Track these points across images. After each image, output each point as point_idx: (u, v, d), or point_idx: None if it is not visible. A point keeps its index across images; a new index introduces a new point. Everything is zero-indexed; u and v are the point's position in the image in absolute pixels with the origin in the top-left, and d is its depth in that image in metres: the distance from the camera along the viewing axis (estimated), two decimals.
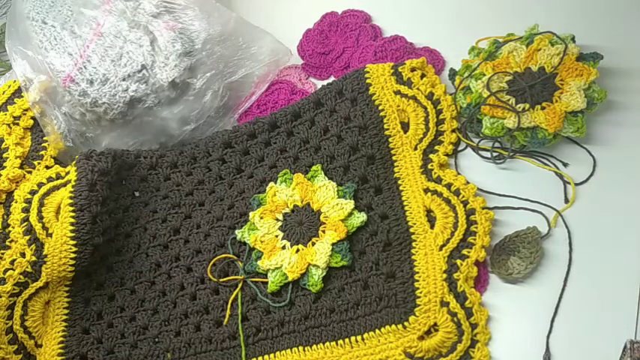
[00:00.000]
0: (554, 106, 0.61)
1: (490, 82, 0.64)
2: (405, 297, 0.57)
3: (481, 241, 0.57)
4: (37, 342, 0.66)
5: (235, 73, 0.74)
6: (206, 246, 0.66)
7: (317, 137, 0.67)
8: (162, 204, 0.70)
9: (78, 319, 0.66)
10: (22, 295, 0.65)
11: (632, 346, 0.50)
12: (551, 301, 0.55)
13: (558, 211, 0.59)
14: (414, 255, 0.58)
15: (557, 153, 0.62)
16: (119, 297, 0.67)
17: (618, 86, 0.63)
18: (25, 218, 0.67)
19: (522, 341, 0.55)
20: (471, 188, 0.60)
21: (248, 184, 0.68)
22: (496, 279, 0.58)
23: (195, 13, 0.72)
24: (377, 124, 0.65)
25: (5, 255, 0.67)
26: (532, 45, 0.64)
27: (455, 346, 0.54)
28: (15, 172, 0.71)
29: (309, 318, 0.59)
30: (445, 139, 0.64)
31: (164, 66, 0.70)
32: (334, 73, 0.76)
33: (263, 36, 0.75)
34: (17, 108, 0.76)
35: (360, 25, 0.77)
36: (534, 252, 0.56)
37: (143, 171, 0.71)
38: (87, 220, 0.65)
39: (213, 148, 0.71)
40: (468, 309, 0.55)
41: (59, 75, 0.69)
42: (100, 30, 0.71)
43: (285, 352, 0.59)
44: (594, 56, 0.62)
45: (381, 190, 0.63)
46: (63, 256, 0.64)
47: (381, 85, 0.66)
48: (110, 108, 0.69)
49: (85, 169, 0.66)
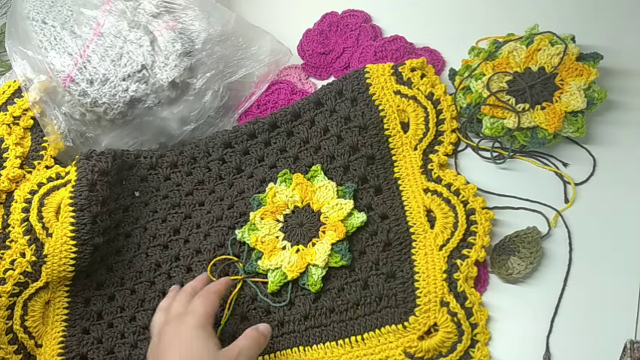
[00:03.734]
0: (554, 106, 0.61)
1: (490, 82, 0.64)
2: (405, 297, 0.57)
3: (481, 241, 0.57)
4: (37, 342, 0.66)
5: (235, 73, 0.74)
6: (206, 246, 0.66)
7: (317, 137, 0.67)
8: (162, 204, 0.70)
9: (78, 319, 0.66)
10: (22, 295, 0.65)
11: (632, 346, 0.51)
12: (551, 301, 0.55)
13: (558, 211, 0.59)
14: (414, 255, 0.58)
15: (557, 153, 0.62)
16: (119, 297, 0.67)
17: (618, 86, 0.63)
18: (25, 218, 0.67)
19: (522, 341, 0.55)
20: (471, 188, 0.60)
21: (248, 184, 0.68)
22: (496, 279, 0.58)
23: (195, 13, 0.72)
24: (377, 124, 0.65)
25: (5, 255, 0.67)
26: (532, 45, 0.64)
27: (455, 346, 0.54)
28: (15, 172, 0.71)
29: (309, 318, 0.59)
30: (445, 139, 0.64)
31: (164, 66, 0.70)
32: (334, 73, 0.76)
33: (263, 36, 0.75)
34: (17, 108, 0.76)
35: (360, 25, 0.77)
36: (534, 252, 0.56)
37: (143, 171, 0.71)
38: (87, 220, 0.65)
39: (213, 148, 0.71)
40: (468, 309, 0.55)
41: (59, 75, 0.69)
42: (100, 30, 0.71)
43: (285, 352, 0.59)
44: (594, 56, 0.62)
45: (381, 190, 0.63)
46: (63, 256, 0.64)
47: (381, 85, 0.66)
48: (110, 108, 0.69)
49: (85, 169, 0.66)
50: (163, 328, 0.55)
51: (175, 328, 0.54)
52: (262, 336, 0.56)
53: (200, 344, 0.52)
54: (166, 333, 0.54)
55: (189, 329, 0.53)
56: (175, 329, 0.54)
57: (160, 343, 0.54)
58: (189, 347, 0.52)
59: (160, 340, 0.54)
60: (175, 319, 0.55)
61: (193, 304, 0.56)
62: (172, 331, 0.54)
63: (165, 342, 0.53)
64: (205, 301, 0.56)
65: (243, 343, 0.54)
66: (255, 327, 0.56)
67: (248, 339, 0.55)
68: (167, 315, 0.57)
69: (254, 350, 0.54)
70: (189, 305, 0.56)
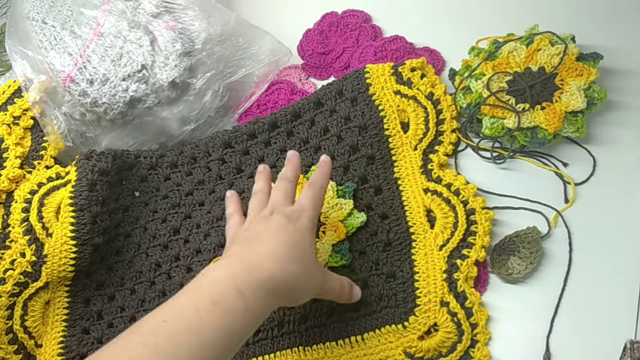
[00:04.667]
0: (554, 106, 0.61)
1: (490, 82, 0.64)
2: (405, 297, 0.57)
3: (481, 241, 0.57)
4: (37, 342, 0.66)
5: (235, 73, 0.74)
6: (206, 246, 0.66)
7: (317, 137, 0.67)
8: (162, 204, 0.70)
9: (78, 319, 0.66)
10: (22, 295, 0.65)
11: (632, 346, 0.50)
12: (551, 301, 0.55)
13: (558, 211, 0.59)
14: (414, 255, 0.58)
15: (557, 153, 0.62)
16: (119, 297, 0.67)
17: (618, 86, 0.63)
18: (25, 218, 0.67)
19: (522, 341, 0.55)
20: (471, 188, 0.60)
21: (248, 184, 0.68)
22: (496, 279, 0.58)
23: (195, 13, 0.72)
24: (377, 124, 0.65)
25: (5, 255, 0.67)
26: (532, 45, 0.64)
27: (455, 346, 0.54)
28: (15, 172, 0.71)
29: (308, 318, 0.59)
30: (445, 139, 0.64)
31: (164, 66, 0.70)
32: (334, 73, 0.76)
33: (263, 36, 0.75)
34: (17, 108, 0.76)
35: (360, 25, 0.77)
36: (534, 252, 0.56)
37: (143, 171, 0.71)
38: (87, 220, 0.65)
39: (213, 148, 0.71)
40: (468, 309, 0.55)
41: (59, 75, 0.69)
42: (100, 30, 0.71)
43: (285, 352, 0.59)
44: (594, 56, 0.62)
45: (381, 190, 0.63)
46: (63, 256, 0.64)
47: (381, 85, 0.66)
48: (110, 108, 0.69)
49: (85, 169, 0.66)
50: (271, 216, 0.52)
51: (286, 222, 0.51)
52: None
53: (312, 250, 0.51)
54: (277, 220, 0.51)
55: (302, 231, 0.51)
56: (286, 222, 0.51)
57: (267, 225, 0.51)
58: (301, 245, 0.50)
59: (267, 223, 0.51)
60: (284, 213, 0.52)
61: (302, 204, 0.53)
62: (282, 222, 0.51)
63: (275, 227, 0.50)
64: (314, 202, 0.53)
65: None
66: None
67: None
68: (268, 205, 0.54)
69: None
70: (299, 203, 0.53)
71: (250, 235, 0.52)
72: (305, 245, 0.51)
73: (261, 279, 0.47)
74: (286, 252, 0.49)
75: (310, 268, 0.51)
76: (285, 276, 0.48)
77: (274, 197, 0.55)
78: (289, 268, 0.48)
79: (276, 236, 0.50)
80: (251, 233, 0.52)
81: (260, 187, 0.59)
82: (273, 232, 0.50)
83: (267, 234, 0.51)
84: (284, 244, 0.49)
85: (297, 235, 0.51)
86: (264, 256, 0.48)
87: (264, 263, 0.48)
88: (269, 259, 0.48)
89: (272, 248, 0.49)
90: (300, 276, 0.49)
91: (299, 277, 0.49)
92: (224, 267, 0.48)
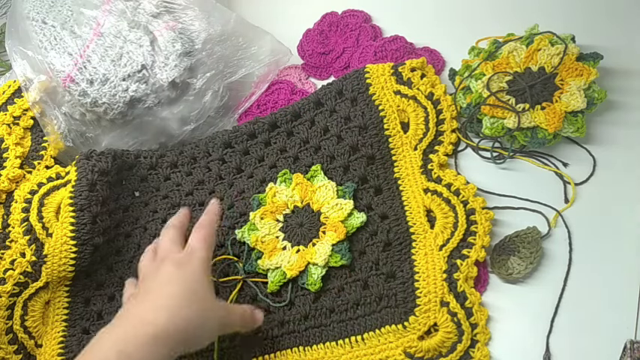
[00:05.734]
0: (554, 106, 0.61)
1: (490, 82, 0.64)
2: (405, 297, 0.57)
3: (481, 241, 0.57)
4: (37, 342, 0.66)
5: (235, 73, 0.74)
6: None
7: (317, 137, 0.67)
8: (162, 204, 0.70)
9: (78, 319, 0.66)
10: (22, 295, 0.65)
11: (632, 346, 0.51)
12: (551, 301, 0.55)
13: (558, 211, 0.59)
14: (414, 255, 0.58)
15: (557, 153, 0.62)
16: (119, 297, 0.67)
17: (618, 86, 0.63)
18: (25, 218, 0.67)
19: (522, 341, 0.55)
20: (471, 188, 0.60)
21: (248, 184, 0.68)
22: (496, 279, 0.58)
23: (195, 13, 0.72)
24: (377, 124, 0.65)
25: (5, 255, 0.67)
26: (532, 45, 0.64)
27: (455, 346, 0.54)
28: (15, 172, 0.71)
29: (309, 318, 0.59)
30: (445, 139, 0.64)
31: (164, 66, 0.70)
32: (334, 73, 0.76)
33: (263, 36, 0.75)
34: (17, 108, 0.76)
35: (360, 25, 0.77)
36: (534, 252, 0.56)
37: (143, 171, 0.72)
38: (87, 220, 0.65)
39: (213, 148, 0.71)
40: (468, 309, 0.55)
41: (59, 75, 0.69)
42: (100, 30, 0.71)
43: (285, 352, 0.59)
44: (594, 56, 0.62)
45: (381, 190, 0.63)
46: (63, 256, 0.64)
47: (381, 85, 0.66)
48: (110, 108, 0.69)
49: (85, 169, 0.66)
50: (161, 265, 0.54)
51: (174, 269, 0.53)
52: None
53: (205, 291, 0.53)
54: (166, 270, 0.53)
55: (193, 274, 0.53)
56: (174, 270, 0.53)
57: (156, 278, 0.53)
58: (193, 289, 0.52)
59: (156, 275, 0.53)
60: (172, 260, 0.54)
61: (192, 246, 0.55)
62: (171, 271, 0.53)
63: (164, 279, 0.52)
64: (204, 243, 0.55)
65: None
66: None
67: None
68: (157, 253, 0.56)
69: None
70: (189, 245, 0.55)
71: (142, 290, 0.54)
72: (197, 288, 0.52)
73: (150, 333, 0.48)
74: (176, 302, 0.50)
75: (206, 307, 0.52)
76: (178, 323, 0.49)
77: (163, 245, 0.57)
78: (182, 314, 0.50)
79: (167, 288, 0.52)
80: (143, 288, 0.54)
81: (174, 223, 0.60)
82: (165, 283, 0.52)
83: (156, 287, 0.52)
84: (173, 294, 0.51)
85: (188, 280, 0.52)
86: (154, 310, 0.50)
87: (153, 317, 0.49)
88: (158, 312, 0.50)
89: (161, 302, 0.50)
90: (194, 320, 0.50)
91: (193, 321, 0.50)
92: (108, 332, 0.50)
